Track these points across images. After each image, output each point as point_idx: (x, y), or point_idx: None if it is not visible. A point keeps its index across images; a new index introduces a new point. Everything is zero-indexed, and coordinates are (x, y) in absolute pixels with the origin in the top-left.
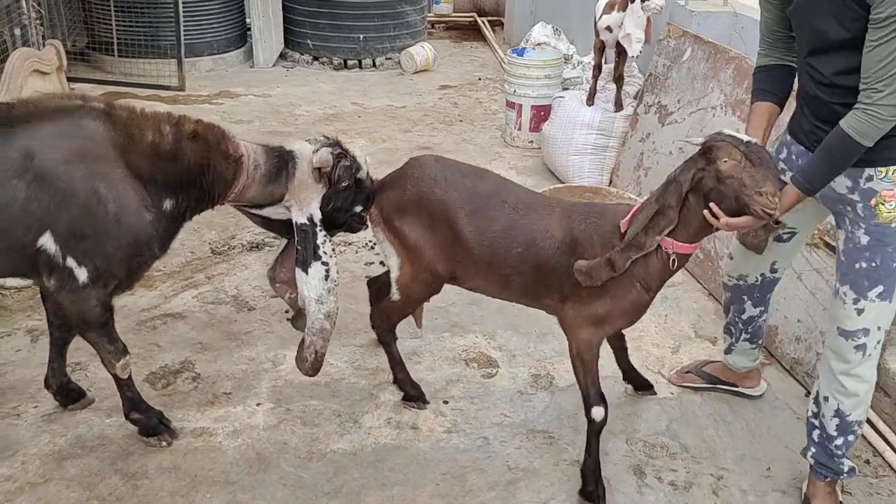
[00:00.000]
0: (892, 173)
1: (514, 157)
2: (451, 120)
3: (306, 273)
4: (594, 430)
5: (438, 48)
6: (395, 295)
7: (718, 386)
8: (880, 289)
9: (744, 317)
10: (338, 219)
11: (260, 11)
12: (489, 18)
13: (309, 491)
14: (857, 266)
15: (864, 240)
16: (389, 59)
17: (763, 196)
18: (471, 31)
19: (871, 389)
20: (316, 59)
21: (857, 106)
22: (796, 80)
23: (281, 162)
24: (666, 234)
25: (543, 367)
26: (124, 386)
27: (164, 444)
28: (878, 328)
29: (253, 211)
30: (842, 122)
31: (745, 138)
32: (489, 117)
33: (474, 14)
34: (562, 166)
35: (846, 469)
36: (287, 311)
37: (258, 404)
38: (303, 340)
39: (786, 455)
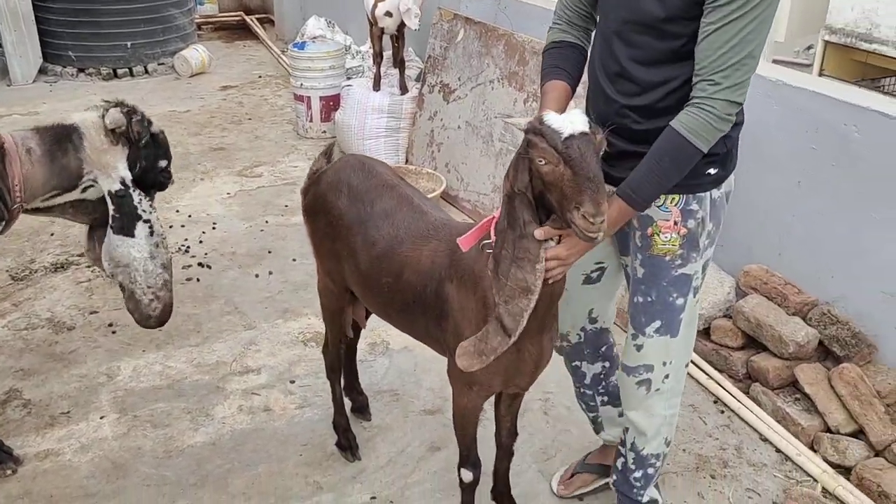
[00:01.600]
0: (671, 202)
1: (311, 148)
2: (240, 119)
3: (132, 236)
4: (462, 488)
5: (211, 49)
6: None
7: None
8: (657, 324)
9: (587, 381)
10: (147, 178)
11: (10, 24)
12: (257, 16)
13: (175, 486)
14: (635, 300)
15: (640, 272)
16: (162, 64)
17: (579, 215)
18: (240, 31)
19: (664, 423)
20: (81, 70)
21: (690, 101)
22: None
23: (60, 137)
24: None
25: (378, 336)
26: None
27: (9, 472)
28: (665, 363)
29: (67, 200)
30: (672, 121)
31: (566, 132)
32: (277, 112)
33: (241, 13)
34: (358, 151)
35: (645, 501)
36: (111, 325)
37: (102, 417)
38: (138, 301)
39: None
